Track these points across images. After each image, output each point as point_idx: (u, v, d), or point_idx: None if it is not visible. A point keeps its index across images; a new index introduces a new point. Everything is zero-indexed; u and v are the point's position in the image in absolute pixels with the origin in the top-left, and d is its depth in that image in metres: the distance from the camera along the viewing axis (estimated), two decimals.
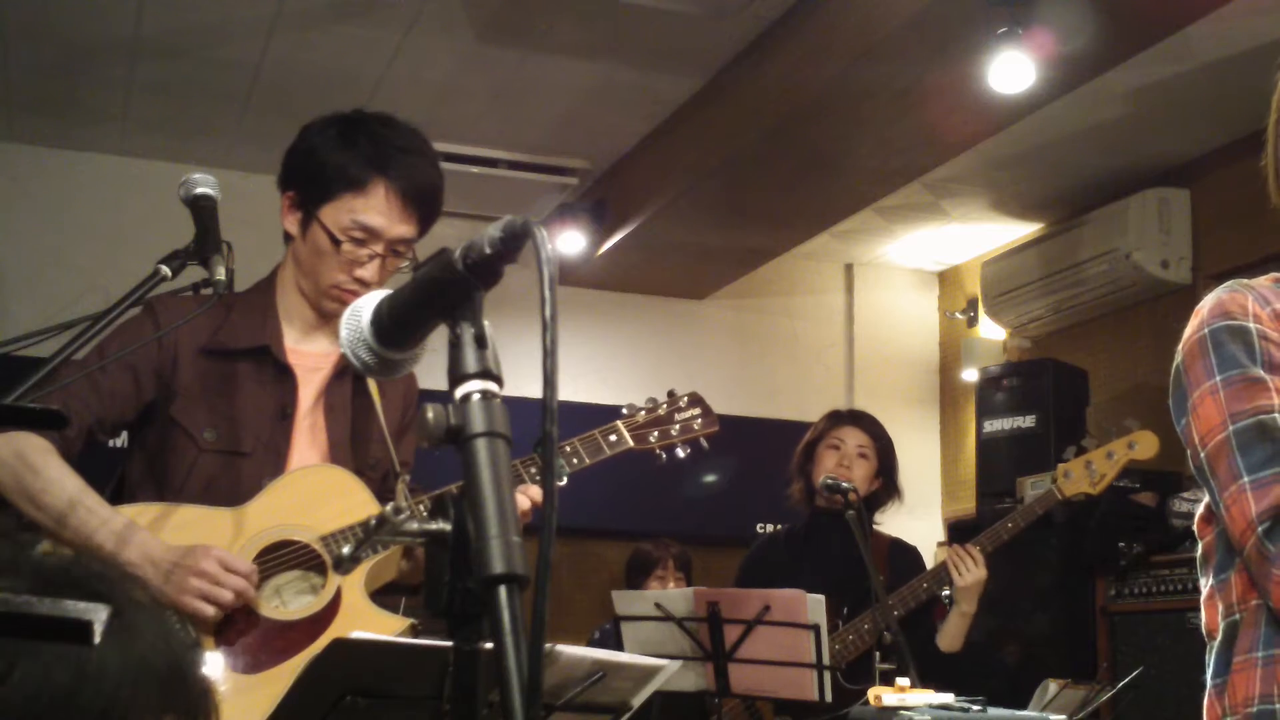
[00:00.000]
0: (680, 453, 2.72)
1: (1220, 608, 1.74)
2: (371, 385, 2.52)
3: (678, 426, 2.71)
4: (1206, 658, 1.77)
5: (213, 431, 2.42)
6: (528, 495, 2.43)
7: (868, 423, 4.19)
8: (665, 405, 2.72)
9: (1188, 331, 1.77)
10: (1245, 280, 1.77)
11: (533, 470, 2.46)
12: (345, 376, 2.52)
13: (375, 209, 2.40)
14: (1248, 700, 1.67)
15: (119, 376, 2.40)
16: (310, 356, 2.51)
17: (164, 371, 2.43)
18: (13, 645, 0.74)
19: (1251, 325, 1.70)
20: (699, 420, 2.74)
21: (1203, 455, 1.70)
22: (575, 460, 2.57)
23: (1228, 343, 1.70)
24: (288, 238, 2.51)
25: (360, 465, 2.49)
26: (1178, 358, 1.77)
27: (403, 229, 2.43)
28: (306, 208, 2.45)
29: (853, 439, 4.11)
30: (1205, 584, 1.79)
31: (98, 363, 2.34)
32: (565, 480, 2.55)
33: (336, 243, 2.41)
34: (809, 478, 4.13)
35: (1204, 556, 1.80)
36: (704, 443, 2.75)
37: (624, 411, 2.69)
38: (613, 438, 2.62)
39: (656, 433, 2.69)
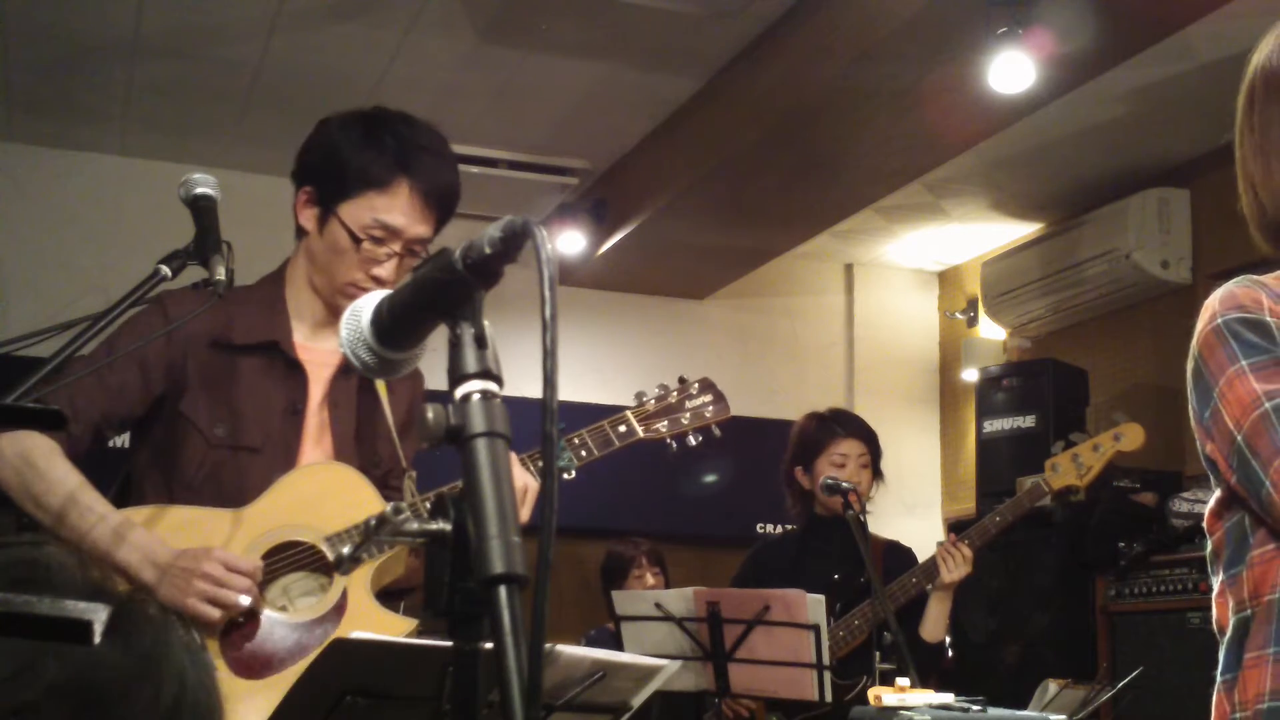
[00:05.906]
0: (692, 440, 2.66)
1: (1231, 604, 1.72)
2: (379, 382, 2.50)
3: (688, 414, 2.65)
4: (1219, 655, 1.76)
5: (222, 426, 2.40)
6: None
7: (861, 430, 4.12)
8: (676, 393, 2.67)
9: (1200, 325, 1.73)
10: (1255, 276, 1.75)
11: (540, 464, 2.44)
12: (351, 373, 2.48)
13: (397, 208, 2.39)
14: (1259, 696, 1.65)
15: (127, 371, 2.38)
16: (320, 352, 2.49)
17: (174, 366, 2.41)
18: None
19: (1269, 319, 1.68)
20: (710, 407, 2.68)
21: (1239, 437, 1.65)
22: (584, 453, 2.53)
23: (1245, 331, 1.68)
24: (300, 232, 2.49)
25: (364, 463, 2.47)
26: (1194, 351, 1.73)
27: (421, 229, 2.42)
28: (325, 204, 2.42)
29: (855, 451, 4.06)
30: (1216, 581, 1.76)
31: (106, 358, 2.32)
32: (574, 473, 2.52)
33: (356, 241, 2.39)
34: (806, 488, 4.10)
35: (1214, 553, 1.78)
36: (716, 430, 2.69)
37: (634, 401, 2.65)
38: (622, 428, 2.58)
39: (666, 422, 2.63)
